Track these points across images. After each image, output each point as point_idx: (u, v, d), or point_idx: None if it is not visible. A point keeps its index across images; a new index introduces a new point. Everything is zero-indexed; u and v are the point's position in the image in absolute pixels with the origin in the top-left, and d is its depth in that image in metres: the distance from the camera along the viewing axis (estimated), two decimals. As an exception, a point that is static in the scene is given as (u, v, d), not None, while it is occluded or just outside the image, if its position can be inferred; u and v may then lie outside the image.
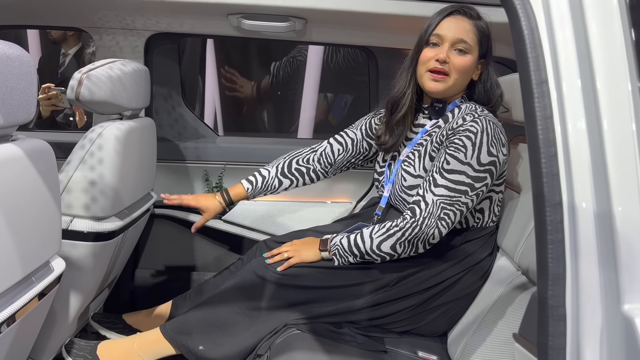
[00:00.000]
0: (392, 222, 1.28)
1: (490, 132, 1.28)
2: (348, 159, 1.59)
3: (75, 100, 1.42)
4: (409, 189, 1.38)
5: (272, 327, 1.33)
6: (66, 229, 1.39)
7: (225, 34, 1.88)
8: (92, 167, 1.40)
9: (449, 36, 1.33)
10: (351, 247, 1.31)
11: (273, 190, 1.57)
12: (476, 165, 1.26)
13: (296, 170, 1.57)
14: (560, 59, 0.57)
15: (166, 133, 2.06)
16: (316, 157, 1.58)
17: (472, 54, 1.34)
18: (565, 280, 0.55)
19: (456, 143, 1.28)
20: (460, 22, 1.34)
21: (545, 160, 0.56)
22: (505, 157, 1.32)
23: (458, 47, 1.33)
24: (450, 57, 1.33)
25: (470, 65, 1.35)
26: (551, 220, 0.55)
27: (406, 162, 1.41)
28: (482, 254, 1.39)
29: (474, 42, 1.34)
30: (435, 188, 1.26)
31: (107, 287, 1.81)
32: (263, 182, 1.55)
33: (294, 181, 1.57)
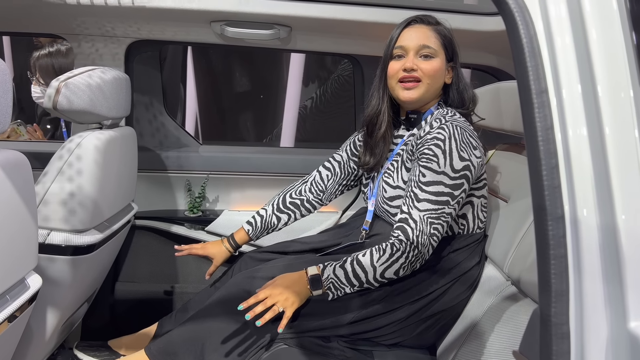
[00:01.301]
0: (394, 246, 1.24)
1: (458, 137, 1.26)
2: (339, 182, 1.61)
3: (53, 109, 1.37)
4: (389, 200, 1.38)
5: (259, 341, 1.29)
6: (43, 242, 1.34)
7: (208, 41, 1.85)
8: (71, 178, 1.35)
9: (412, 45, 1.34)
10: (349, 279, 1.25)
11: (274, 228, 1.59)
12: (451, 172, 1.25)
13: (291, 204, 1.59)
14: (560, 68, 0.55)
15: (147, 142, 2.01)
16: (307, 188, 1.60)
17: (438, 57, 1.34)
18: (569, 296, 0.53)
19: (426, 153, 1.27)
20: (420, 29, 1.36)
21: (546, 173, 0.54)
22: (480, 159, 1.30)
23: (423, 53, 1.34)
24: (418, 64, 1.33)
25: (439, 69, 1.35)
26: (553, 234, 0.54)
27: (386, 174, 1.42)
28: (469, 263, 1.37)
29: (438, 46, 1.34)
30: (418, 203, 1.24)
31: (87, 302, 1.75)
32: (262, 221, 1.57)
33: (291, 215, 1.59)
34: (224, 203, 2.05)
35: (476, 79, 2.82)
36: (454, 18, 1.72)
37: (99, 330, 1.97)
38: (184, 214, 1.99)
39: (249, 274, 1.37)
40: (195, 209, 1.98)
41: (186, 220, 1.96)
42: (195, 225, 1.95)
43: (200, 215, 1.98)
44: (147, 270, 1.99)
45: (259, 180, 2.03)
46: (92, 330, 1.96)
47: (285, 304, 1.20)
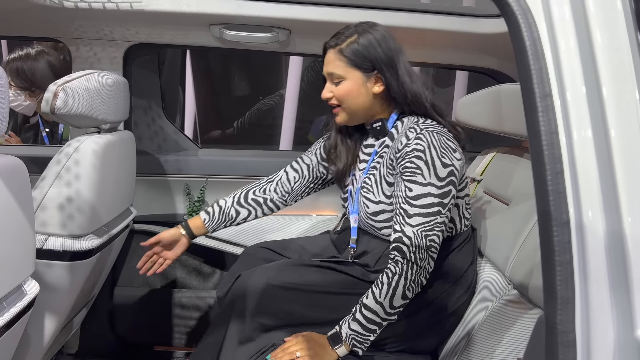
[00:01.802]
0: (388, 273, 1.22)
1: (436, 143, 1.25)
2: (306, 185, 1.56)
3: (51, 113, 1.36)
4: (373, 215, 1.35)
5: (260, 346, 1.28)
6: (40, 248, 1.33)
7: (206, 45, 1.84)
8: (69, 183, 1.34)
9: (325, 73, 1.37)
10: (366, 327, 1.21)
11: (231, 221, 1.51)
12: (437, 182, 1.23)
13: (253, 201, 1.52)
14: (564, 70, 0.54)
15: (146, 146, 2.00)
16: (273, 187, 1.54)
17: (347, 78, 1.32)
18: (575, 304, 0.52)
19: (409, 167, 1.24)
20: (328, 56, 1.36)
21: (551, 178, 0.53)
22: (460, 161, 1.29)
23: (334, 80, 1.34)
24: (332, 90, 1.35)
25: (350, 89, 1.32)
26: (558, 240, 0.52)
27: (365, 189, 1.38)
28: (464, 264, 1.37)
29: (344, 69, 1.32)
30: (409, 219, 1.22)
31: (85, 307, 1.74)
32: (220, 212, 1.50)
33: (251, 211, 1.52)
34: (223, 207, 2.03)
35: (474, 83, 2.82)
36: (452, 20, 1.72)
37: (98, 335, 1.96)
38: (183, 217, 1.98)
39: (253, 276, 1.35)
40: (195, 212, 1.97)
41: (185, 225, 1.95)
42: (195, 230, 1.94)
43: (200, 220, 1.97)
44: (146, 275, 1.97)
45: (259, 183, 2.01)
46: (91, 336, 1.95)
47: (307, 353, 1.20)
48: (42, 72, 2.18)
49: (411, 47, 1.88)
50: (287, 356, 1.20)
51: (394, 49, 1.32)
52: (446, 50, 1.89)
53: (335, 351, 1.23)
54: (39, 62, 2.18)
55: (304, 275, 1.33)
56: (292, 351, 1.20)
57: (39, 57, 2.20)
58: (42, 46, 2.28)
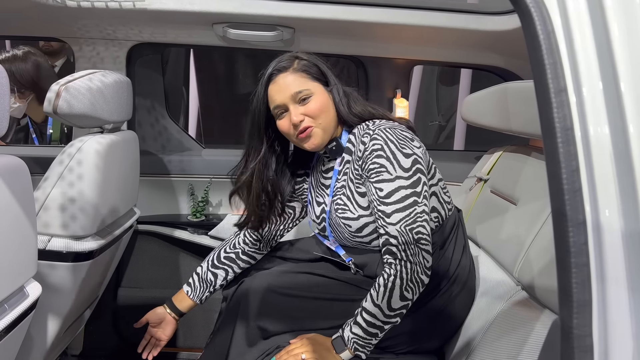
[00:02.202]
0: (384, 274, 1.19)
1: (392, 137, 1.22)
2: (275, 229, 1.47)
3: (53, 113, 1.35)
4: (358, 232, 1.31)
5: (265, 348, 1.27)
6: (43, 249, 1.31)
7: (210, 43, 1.83)
8: (71, 183, 1.33)
9: (286, 99, 1.27)
10: (368, 331, 1.18)
11: (212, 285, 1.45)
12: (404, 173, 1.20)
13: (226, 259, 1.46)
14: (580, 65, 0.52)
15: (149, 146, 1.99)
16: (241, 239, 1.48)
17: (315, 93, 1.27)
18: (592, 307, 0.50)
19: (373, 168, 1.22)
20: (282, 80, 1.27)
21: (566, 176, 0.51)
22: (421, 148, 1.26)
23: (299, 99, 1.26)
24: (302, 111, 1.26)
25: (322, 102, 1.28)
26: (574, 241, 0.51)
27: (339, 210, 1.32)
28: (458, 255, 1.34)
29: (309, 82, 1.28)
30: (389, 218, 1.19)
31: (89, 308, 1.73)
32: (199, 279, 1.46)
33: (228, 270, 1.46)
34: (227, 207, 2.02)
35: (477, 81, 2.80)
36: (458, 18, 1.70)
37: (102, 336, 1.95)
38: (187, 218, 1.97)
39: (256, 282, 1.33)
40: (199, 213, 1.96)
41: (189, 225, 1.94)
42: (199, 230, 1.93)
43: (204, 220, 1.96)
44: (150, 275, 1.96)
45: (263, 183, 2.00)
46: (95, 337, 1.94)
47: (312, 356, 1.17)
48: (30, 73, 2.17)
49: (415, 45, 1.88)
50: (292, 358, 1.18)
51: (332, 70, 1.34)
52: (451, 48, 1.87)
53: (340, 355, 1.21)
54: (26, 63, 2.17)
55: (306, 283, 1.31)
56: (297, 353, 1.18)
57: (26, 58, 2.18)
58: (28, 47, 2.27)
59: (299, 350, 1.19)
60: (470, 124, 1.70)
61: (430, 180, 1.31)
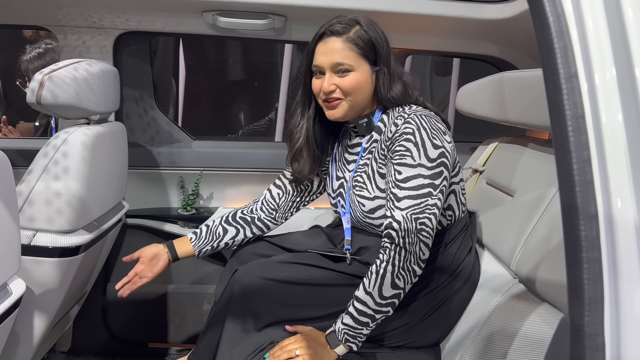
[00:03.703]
0: (377, 261, 1.18)
1: (426, 125, 1.21)
2: (292, 200, 1.51)
3: (37, 104, 1.30)
4: (370, 213, 1.30)
5: (258, 344, 1.24)
6: (28, 244, 1.28)
7: (199, 32, 1.78)
8: (57, 176, 1.29)
9: (326, 64, 1.26)
10: (358, 320, 1.16)
11: (219, 239, 1.45)
12: (427, 162, 1.18)
13: (240, 219, 1.48)
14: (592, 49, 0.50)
15: (138, 138, 1.95)
16: (259, 206, 1.50)
17: (357, 70, 1.25)
18: (604, 304, 0.48)
19: (398, 150, 1.20)
20: (331, 44, 1.25)
21: (577, 167, 0.48)
22: (451, 144, 1.25)
23: (338, 70, 1.25)
24: (336, 82, 1.26)
25: (359, 81, 1.26)
26: (586, 235, 0.48)
27: (357, 188, 1.32)
28: (463, 253, 1.33)
29: (353, 58, 1.25)
30: (399, 203, 1.17)
31: (77, 304, 1.70)
32: (207, 231, 1.45)
33: (239, 230, 1.46)
34: (218, 200, 1.99)
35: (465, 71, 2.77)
36: (454, 6, 1.67)
37: (91, 332, 1.91)
38: (177, 211, 1.93)
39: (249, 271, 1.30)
40: (189, 206, 1.92)
41: (179, 218, 1.90)
42: (189, 223, 1.89)
43: (194, 213, 1.92)
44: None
45: (254, 176, 1.96)
46: (84, 333, 1.91)
47: (306, 352, 1.15)
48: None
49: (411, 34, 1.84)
50: (286, 354, 1.15)
51: (388, 46, 1.29)
52: (446, 37, 1.84)
53: (335, 350, 1.19)
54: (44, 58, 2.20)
55: (300, 272, 1.29)
56: (290, 349, 1.16)
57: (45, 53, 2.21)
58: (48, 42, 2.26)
59: (292, 346, 1.16)
60: (466, 114, 1.67)
61: (452, 177, 1.30)
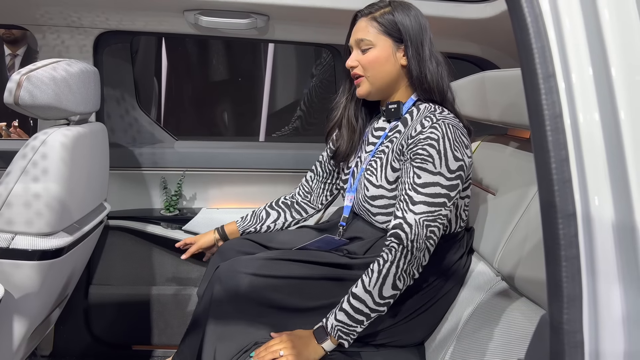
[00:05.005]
0: (379, 260, 1.18)
1: (451, 136, 1.21)
2: (322, 182, 1.57)
3: (14, 104, 1.28)
4: (371, 199, 1.32)
5: (242, 345, 1.23)
6: (7, 247, 1.25)
7: (181, 32, 1.77)
8: (36, 178, 1.27)
9: (352, 42, 1.34)
10: (353, 317, 1.17)
11: (261, 222, 1.56)
12: (447, 173, 1.19)
13: (282, 204, 1.59)
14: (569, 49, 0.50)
15: (119, 138, 1.93)
16: (297, 191, 1.60)
17: (378, 46, 1.29)
18: (582, 302, 0.48)
19: (420, 154, 1.21)
20: (359, 24, 1.33)
21: (555, 166, 0.49)
22: (470, 159, 1.27)
23: (361, 47, 1.31)
24: (358, 59, 1.32)
25: (377, 57, 1.29)
26: (564, 233, 0.48)
27: (369, 171, 1.35)
28: (454, 257, 1.34)
29: (375, 35, 1.29)
30: (414, 206, 1.18)
31: (58, 307, 1.67)
32: (252, 214, 1.58)
33: (280, 213, 1.57)
34: (201, 201, 1.97)
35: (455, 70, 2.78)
36: (435, 6, 1.68)
37: (73, 336, 1.89)
38: (160, 212, 1.91)
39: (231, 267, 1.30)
40: (172, 207, 1.90)
41: (162, 220, 1.88)
42: (172, 225, 1.87)
43: (177, 214, 1.91)
44: (123, 272, 1.91)
45: (238, 176, 1.95)
46: (65, 336, 1.88)
47: (291, 352, 1.15)
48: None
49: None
50: (270, 355, 1.15)
51: (423, 29, 1.30)
52: (429, 37, 1.84)
53: (322, 346, 1.19)
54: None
55: (283, 268, 1.28)
56: (275, 350, 1.16)
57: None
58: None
59: (277, 347, 1.16)
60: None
61: (462, 191, 1.30)
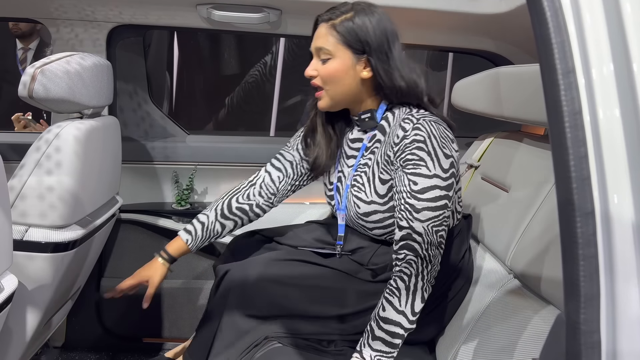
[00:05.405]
0: (403, 276, 1.14)
1: (436, 133, 1.17)
2: (291, 184, 1.44)
3: (29, 97, 1.29)
4: (365, 216, 1.28)
5: (252, 340, 1.24)
6: (20, 239, 1.26)
7: (194, 26, 1.77)
8: (49, 171, 1.28)
9: (313, 48, 1.25)
10: (390, 342, 1.13)
11: (217, 236, 1.41)
12: (442, 173, 1.16)
13: (238, 210, 1.41)
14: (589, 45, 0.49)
15: (132, 132, 1.93)
16: (257, 191, 1.42)
17: (336, 57, 1.20)
18: (600, 301, 0.47)
19: (411, 159, 1.16)
20: (319, 30, 1.24)
21: (574, 163, 0.48)
22: (458, 152, 1.23)
23: (321, 56, 1.23)
24: (317, 68, 1.23)
25: (336, 70, 1.21)
26: (582, 232, 0.48)
27: (355, 188, 1.29)
28: (459, 253, 1.32)
29: (334, 45, 1.20)
30: (418, 214, 1.14)
31: (70, 299, 1.68)
32: (203, 229, 1.39)
33: (237, 221, 1.42)
34: (213, 195, 1.98)
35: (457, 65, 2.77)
36: (450, 0, 1.66)
37: (85, 327, 1.90)
38: (171, 206, 1.92)
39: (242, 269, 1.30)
40: (183, 201, 1.91)
41: (174, 213, 1.89)
42: (183, 219, 1.88)
43: (189, 208, 1.91)
44: (134, 265, 1.90)
45: (249, 170, 1.94)
46: (77, 328, 1.90)
47: None
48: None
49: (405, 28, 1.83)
50: None
51: (389, 35, 1.22)
52: (441, 32, 1.83)
53: None
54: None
55: (294, 270, 1.28)
56: None
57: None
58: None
59: None
60: (462, 109, 1.67)
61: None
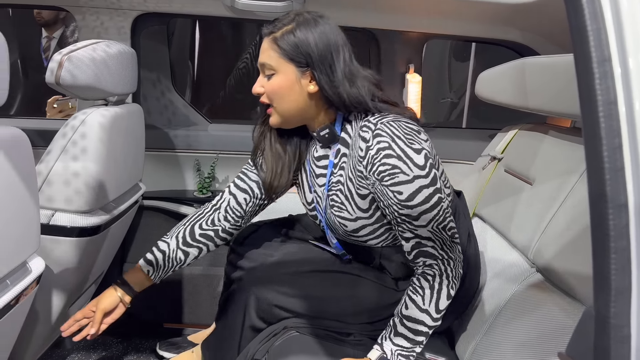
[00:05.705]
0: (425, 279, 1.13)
1: (398, 132, 1.10)
2: (259, 204, 1.36)
3: (56, 84, 1.31)
4: (354, 232, 1.23)
5: (271, 329, 1.24)
6: (47, 223, 1.29)
7: (217, 14, 1.77)
8: (75, 157, 1.30)
9: (258, 64, 1.18)
10: (413, 339, 1.13)
11: (180, 264, 1.31)
12: (420, 171, 1.09)
13: (202, 236, 1.32)
14: (626, 33, 0.48)
15: (155, 120, 1.95)
16: (222, 216, 1.33)
17: (279, 72, 1.14)
18: (631, 295, 0.47)
19: (384, 170, 1.09)
20: (263, 45, 1.17)
21: (607, 154, 0.47)
22: (428, 141, 1.15)
23: (265, 73, 1.17)
24: (263, 85, 1.17)
25: (280, 86, 1.14)
26: (615, 224, 0.47)
27: (335, 208, 1.23)
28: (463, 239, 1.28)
29: (277, 60, 1.14)
30: (418, 221, 1.11)
31: (94, 284, 1.72)
32: (164, 259, 1.29)
33: (202, 248, 1.32)
34: (234, 183, 1.99)
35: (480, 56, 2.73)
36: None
37: (107, 312, 1.93)
38: (193, 194, 1.94)
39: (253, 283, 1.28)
40: (205, 189, 1.92)
41: (195, 201, 1.91)
42: (205, 206, 1.90)
43: (210, 196, 1.92)
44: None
45: (270, 160, 1.96)
46: (100, 312, 1.93)
47: None
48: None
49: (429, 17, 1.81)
50: None
51: (332, 46, 1.13)
52: (466, 21, 1.80)
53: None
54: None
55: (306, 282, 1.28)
56: None
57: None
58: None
59: None
60: (486, 101, 1.64)
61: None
